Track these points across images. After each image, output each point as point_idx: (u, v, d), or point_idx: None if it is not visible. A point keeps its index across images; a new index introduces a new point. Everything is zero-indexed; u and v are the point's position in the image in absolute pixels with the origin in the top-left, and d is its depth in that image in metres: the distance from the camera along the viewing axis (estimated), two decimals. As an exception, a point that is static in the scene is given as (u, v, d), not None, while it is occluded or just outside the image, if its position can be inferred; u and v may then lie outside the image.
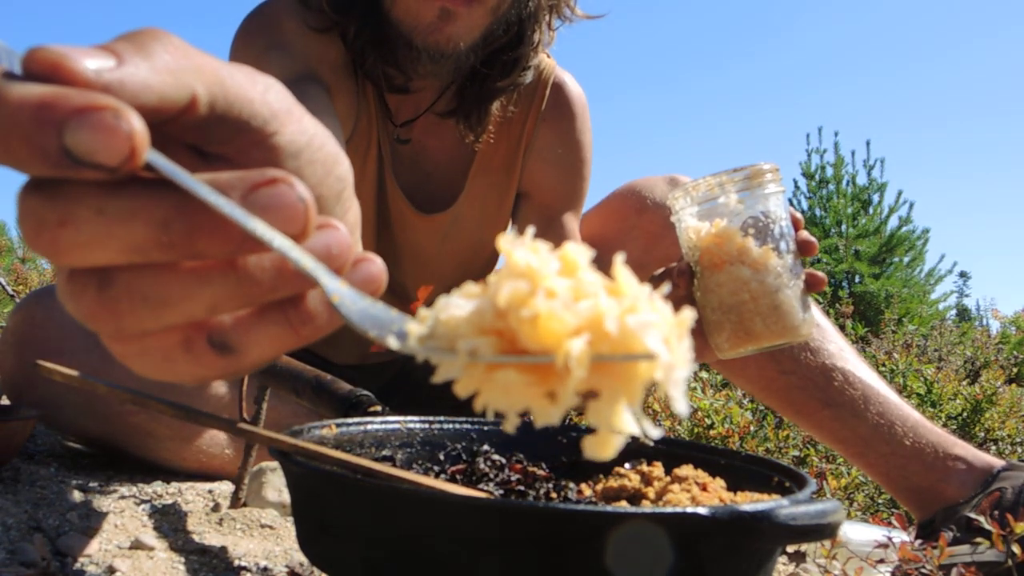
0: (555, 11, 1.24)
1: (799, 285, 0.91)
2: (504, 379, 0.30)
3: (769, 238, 0.91)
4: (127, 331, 0.31)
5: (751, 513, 0.44)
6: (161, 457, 1.14)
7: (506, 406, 0.30)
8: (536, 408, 0.30)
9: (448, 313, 0.31)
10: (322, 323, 0.33)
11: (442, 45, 1.09)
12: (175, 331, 0.31)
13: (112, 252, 0.28)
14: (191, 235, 0.28)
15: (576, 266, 0.31)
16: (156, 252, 0.28)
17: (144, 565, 0.77)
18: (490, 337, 0.30)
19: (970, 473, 1.11)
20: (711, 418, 1.86)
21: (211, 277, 0.30)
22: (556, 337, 0.29)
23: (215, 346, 0.32)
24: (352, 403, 0.77)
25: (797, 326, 0.90)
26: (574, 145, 1.34)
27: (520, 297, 0.29)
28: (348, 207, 0.38)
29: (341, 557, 0.52)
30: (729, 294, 0.90)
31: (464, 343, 0.30)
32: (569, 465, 0.72)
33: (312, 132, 0.34)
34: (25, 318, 1.13)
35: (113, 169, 0.26)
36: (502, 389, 0.30)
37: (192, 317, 0.31)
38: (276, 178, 0.29)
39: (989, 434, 2.32)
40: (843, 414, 1.17)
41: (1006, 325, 6.00)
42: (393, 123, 1.25)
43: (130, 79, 0.27)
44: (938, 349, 4.15)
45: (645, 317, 0.29)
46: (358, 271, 0.33)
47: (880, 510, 1.70)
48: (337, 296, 0.31)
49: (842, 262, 9.66)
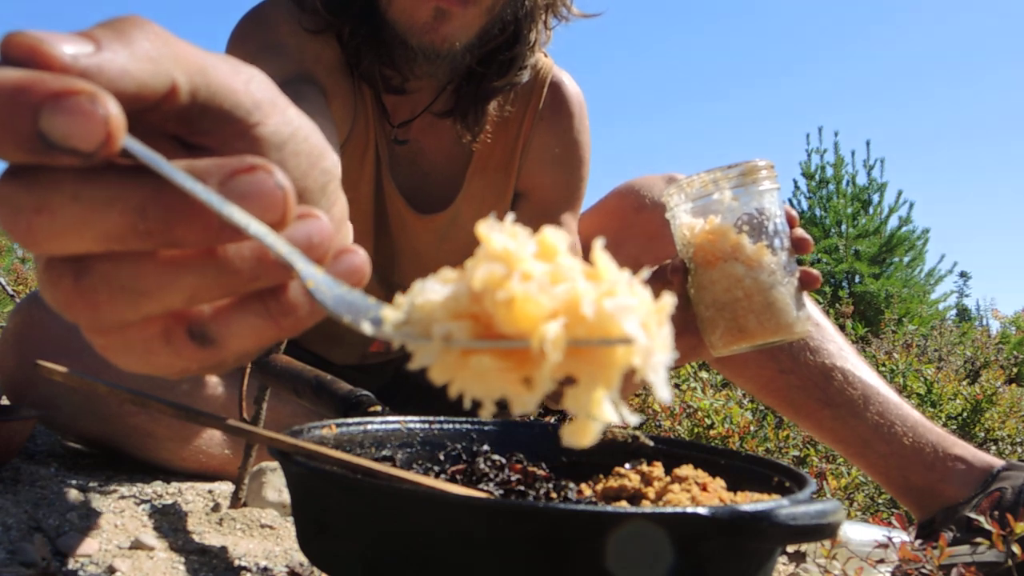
0: (551, 10, 1.23)
1: (793, 283, 0.91)
2: (479, 365, 0.29)
3: (763, 235, 0.90)
4: (105, 321, 0.30)
5: (751, 513, 0.44)
6: (161, 457, 1.14)
7: (482, 393, 0.29)
8: (512, 395, 0.29)
9: (424, 298, 0.30)
10: (303, 315, 0.32)
11: (437, 45, 1.09)
12: (154, 322, 0.31)
13: (88, 240, 0.28)
14: (168, 222, 0.28)
15: (554, 251, 0.30)
16: (133, 240, 0.28)
17: (144, 565, 0.77)
18: (465, 321, 0.29)
19: (970, 473, 1.11)
20: (711, 418, 1.86)
21: (189, 266, 0.30)
22: (532, 321, 0.28)
23: (195, 337, 0.31)
24: (352, 403, 0.77)
25: (791, 323, 0.90)
26: (571, 144, 1.34)
27: (496, 280, 0.29)
28: (334, 201, 0.38)
29: (341, 557, 0.52)
30: (723, 291, 0.90)
31: (438, 327, 0.29)
32: (569, 465, 0.72)
33: (297, 124, 0.34)
34: (25, 319, 1.13)
35: (89, 154, 0.26)
36: (477, 375, 0.29)
37: (170, 307, 0.30)
38: (255, 165, 0.29)
39: (989, 434, 2.32)
40: (843, 414, 1.17)
41: (1006, 325, 6.00)
42: (390, 124, 1.25)
43: (108, 65, 0.27)
44: (938, 349, 4.15)
45: (623, 301, 0.29)
46: (341, 262, 0.33)
47: (880, 510, 1.70)
48: (312, 282, 0.30)
49: (842, 262, 9.66)
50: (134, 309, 0.30)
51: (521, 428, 0.76)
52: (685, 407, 1.90)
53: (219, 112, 0.31)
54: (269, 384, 0.92)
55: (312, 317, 0.33)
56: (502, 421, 0.76)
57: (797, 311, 0.91)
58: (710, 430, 1.84)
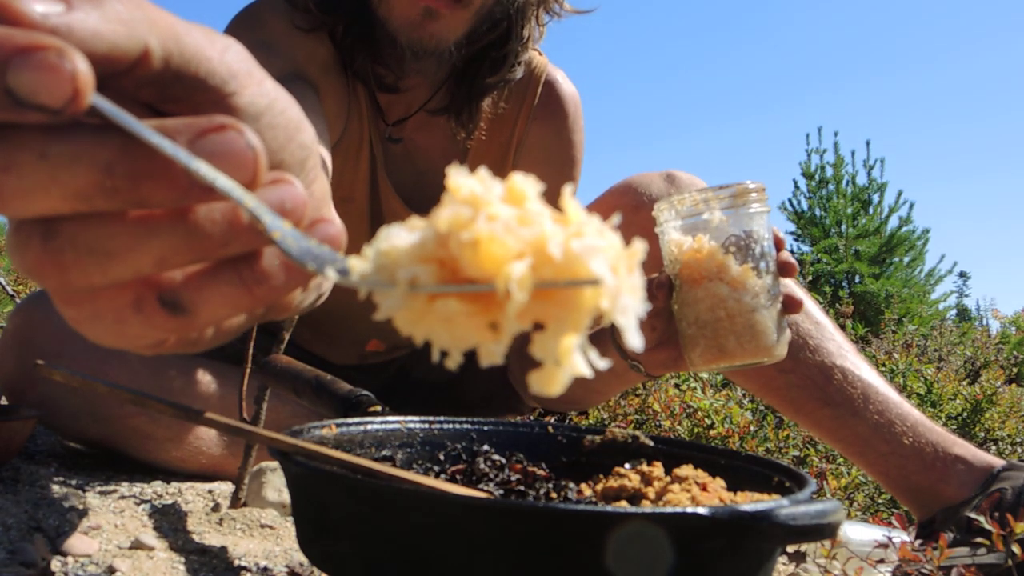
0: (543, 6, 1.24)
1: (777, 306, 0.93)
2: (445, 309, 0.28)
3: (750, 257, 0.92)
4: (74, 285, 0.30)
5: (751, 513, 0.44)
6: (160, 459, 1.14)
7: (449, 341, 0.29)
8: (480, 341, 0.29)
9: (389, 243, 0.30)
10: (278, 284, 0.32)
11: (425, 42, 1.10)
12: (125, 290, 0.31)
13: (56, 198, 0.28)
14: (135, 179, 0.28)
15: (523, 196, 0.30)
16: (100, 199, 0.28)
17: (144, 565, 0.77)
18: (431, 266, 0.29)
19: (970, 473, 1.11)
20: (711, 418, 1.86)
21: (158, 228, 0.29)
22: (498, 263, 0.28)
23: (166, 305, 0.31)
24: (352, 403, 0.77)
25: (770, 347, 0.91)
26: (565, 143, 1.34)
27: (461, 222, 0.28)
28: (313, 178, 0.37)
29: (341, 557, 0.52)
30: (706, 310, 0.91)
31: (403, 272, 0.29)
32: (569, 465, 0.72)
33: (273, 96, 0.34)
34: (25, 320, 1.13)
35: (56, 111, 0.25)
36: (444, 321, 0.29)
37: (140, 271, 0.30)
38: (225, 124, 0.29)
39: (989, 434, 2.32)
40: (842, 413, 1.17)
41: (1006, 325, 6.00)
42: (385, 122, 1.25)
43: (79, 25, 0.27)
44: (938, 349, 4.15)
45: (591, 242, 0.28)
46: (317, 231, 0.33)
47: (880, 510, 1.70)
48: (279, 233, 0.30)
49: (842, 262, 9.67)
50: (102, 272, 0.29)
51: (521, 428, 0.76)
52: (685, 407, 1.90)
53: (193, 79, 0.31)
54: (269, 384, 0.92)
55: (287, 287, 0.33)
56: (502, 421, 0.76)
57: (778, 335, 0.92)
58: (710, 430, 1.84)
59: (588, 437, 0.75)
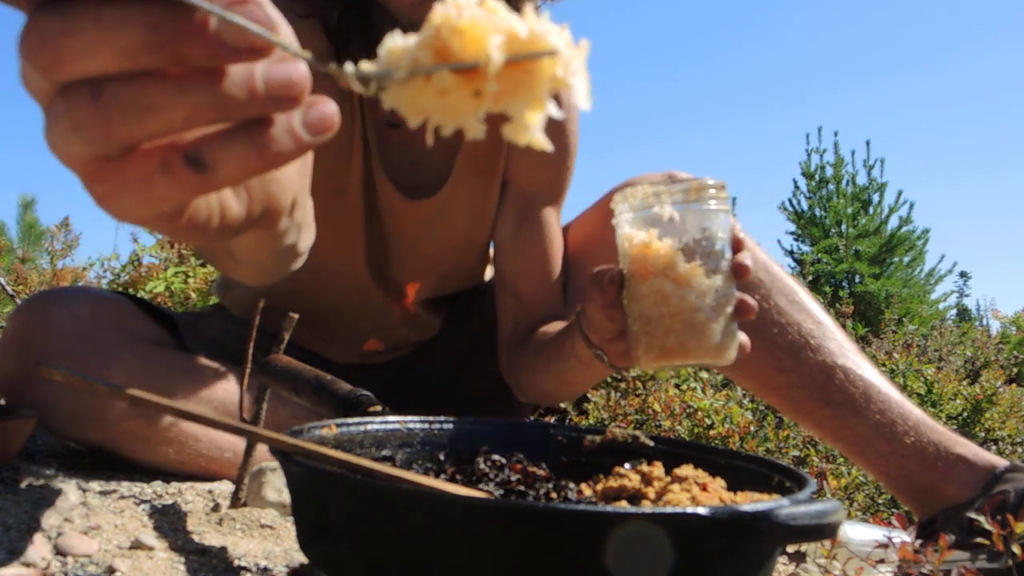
0: None
1: (727, 309, 0.89)
2: (440, 81, 0.36)
3: (699, 255, 0.89)
4: (115, 140, 0.34)
5: (751, 513, 0.44)
6: (159, 462, 1.14)
7: (442, 114, 0.37)
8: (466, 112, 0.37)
9: (394, 43, 0.37)
10: (284, 150, 0.37)
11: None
12: (153, 154, 0.35)
13: (107, 58, 0.33)
14: (176, 38, 0.33)
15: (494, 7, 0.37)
16: (145, 55, 0.33)
17: (144, 565, 0.77)
18: (428, 51, 0.36)
19: (972, 473, 1.10)
20: (711, 418, 1.86)
21: (190, 87, 0.34)
22: (479, 43, 0.35)
23: (190, 162, 0.36)
24: (352, 403, 0.77)
25: (713, 349, 0.88)
26: (561, 131, 1.33)
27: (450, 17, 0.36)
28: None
29: (341, 557, 0.52)
30: (650, 306, 0.89)
31: (407, 56, 0.36)
32: (569, 465, 0.72)
33: None
34: (25, 321, 1.13)
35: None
36: (438, 94, 0.36)
37: (173, 126, 0.35)
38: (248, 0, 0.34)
39: (989, 434, 2.32)
40: (843, 413, 1.17)
41: (1006, 325, 6.00)
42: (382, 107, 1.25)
43: None
44: (938, 349, 4.15)
45: (549, 26, 0.37)
46: (312, 110, 0.38)
47: (880, 510, 1.70)
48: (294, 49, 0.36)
49: (842, 262, 9.66)
50: (142, 126, 0.34)
51: (521, 428, 0.76)
52: (685, 407, 1.89)
53: None
54: (269, 384, 0.92)
55: (293, 154, 0.37)
56: (502, 421, 0.76)
57: (723, 337, 0.89)
58: (710, 430, 1.84)
59: (588, 437, 0.75)
